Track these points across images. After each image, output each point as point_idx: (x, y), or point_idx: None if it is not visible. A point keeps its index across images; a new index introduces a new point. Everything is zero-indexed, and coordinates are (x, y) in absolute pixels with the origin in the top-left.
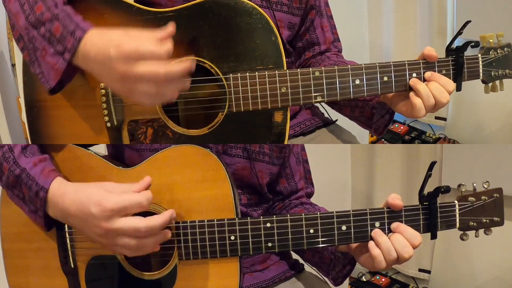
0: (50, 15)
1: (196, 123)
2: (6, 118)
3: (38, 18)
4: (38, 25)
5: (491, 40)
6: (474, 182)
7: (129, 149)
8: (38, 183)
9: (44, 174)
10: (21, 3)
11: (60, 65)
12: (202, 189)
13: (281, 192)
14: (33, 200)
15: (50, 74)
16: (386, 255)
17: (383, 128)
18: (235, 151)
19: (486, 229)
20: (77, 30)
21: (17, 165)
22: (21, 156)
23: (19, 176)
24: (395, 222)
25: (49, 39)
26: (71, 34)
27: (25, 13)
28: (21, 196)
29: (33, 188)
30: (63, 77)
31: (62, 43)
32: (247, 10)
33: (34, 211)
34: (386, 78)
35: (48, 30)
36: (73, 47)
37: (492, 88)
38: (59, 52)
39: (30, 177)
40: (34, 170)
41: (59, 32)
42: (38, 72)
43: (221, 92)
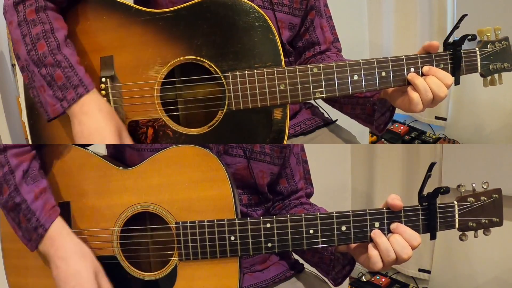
0: (52, 61)
1: (196, 122)
2: (6, 118)
3: (40, 58)
4: (40, 65)
5: (489, 34)
6: (474, 183)
7: (129, 149)
8: (38, 220)
9: (46, 210)
10: (23, 34)
11: (57, 108)
12: (202, 189)
13: (281, 192)
14: (29, 231)
15: (48, 109)
16: (385, 256)
17: (384, 125)
18: (236, 151)
19: (485, 229)
20: (80, 87)
21: (18, 193)
22: (22, 183)
23: (19, 205)
24: (395, 223)
25: (50, 83)
26: (73, 88)
27: (27, 47)
28: (17, 221)
29: (33, 222)
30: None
31: (63, 92)
32: (245, 9)
33: (28, 239)
34: (384, 73)
35: (49, 74)
36: (73, 100)
37: (491, 81)
38: (58, 98)
39: (30, 210)
40: (35, 204)
41: (60, 81)
42: (36, 100)
43: (221, 91)
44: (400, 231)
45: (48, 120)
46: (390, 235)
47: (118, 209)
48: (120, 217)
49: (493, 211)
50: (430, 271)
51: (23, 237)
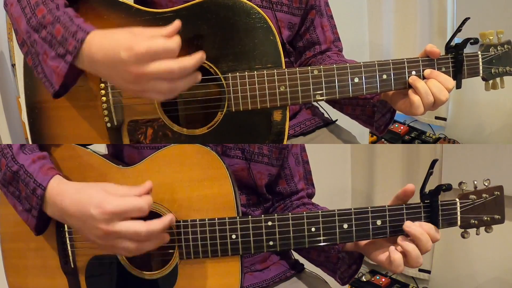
0: (52, 18)
1: (196, 123)
2: (6, 118)
3: (39, 21)
4: (40, 28)
5: (491, 37)
6: (475, 180)
7: (129, 148)
8: (36, 180)
9: (43, 171)
10: (22, 7)
11: (62, 68)
12: (203, 187)
13: (281, 193)
14: (29, 198)
15: (53, 78)
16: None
17: (384, 127)
18: (234, 152)
19: (487, 226)
20: (79, 31)
21: (15, 162)
22: (19, 152)
23: (16, 173)
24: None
25: (51, 42)
26: (72, 36)
27: (27, 16)
28: (16, 193)
29: (31, 185)
30: (66, 80)
31: (64, 46)
32: (245, 10)
33: (28, 210)
34: (385, 76)
35: (49, 33)
36: (75, 49)
37: (493, 85)
38: (60, 55)
39: (28, 173)
40: (33, 167)
41: (60, 34)
42: (41, 76)
43: (220, 92)
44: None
45: (54, 93)
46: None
47: None
48: None
49: (494, 208)
50: (430, 271)
51: (24, 212)
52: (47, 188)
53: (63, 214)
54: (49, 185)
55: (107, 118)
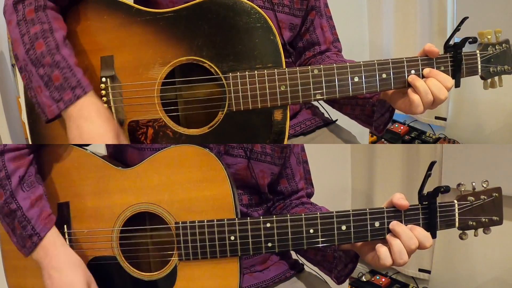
0: (50, 61)
1: (197, 122)
2: (6, 118)
3: (38, 58)
4: (38, 64)
5: (489, 36)
6: (473, 182)
7: (129, 149)
8: (34, 228)
9: (42, 219)
10: (21, 33)
11: (53, 109)
12: (201, 189)
13: (282, 192)
14: (24, 238)
15: (45, 110)
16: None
17: (383, 126)
18: (236, 151)
19: (485, 228)
20: (78, 88)
21: (14, 199)
22: (18, 190)
23: (14, 212)
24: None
25: (47, 83)
26: (71, 89)
27: (25, 46)
28: (11, 227)
29: (28, 230)
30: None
31: (60, 93)
32: (245, 10)
33: (22, 246)
34: (384, 75)
35: (47, 75)
36: (70, 101)
37: (491, 84)
38: (54, 99)
39: (26, 218)
40: (31, 212)
41: (58, 82)
42: (34, 101)
43: (221, 92)
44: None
45: (46, 121)
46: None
47: (118, 209)
48: (120, 217)
49: (493, 210)
50: (430, 271)
51: (17, 243)
52: (43, 239)
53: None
54: (45, 238)
55: None
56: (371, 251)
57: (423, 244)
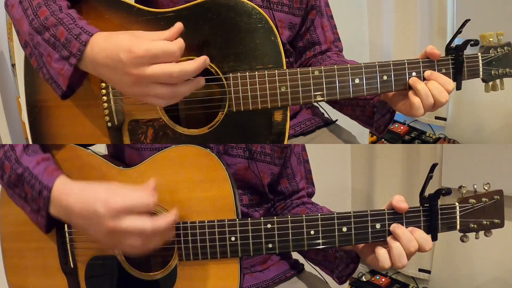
0: (55, 20)
1: (197, 122)
2: (6, 118)
3: (42, 23)
4: (42, 30)
5: (491, 39)
6: (475, 184)
7: (129, 149)
8: (41, 182)
9: (48, 172)
10: (24, 8)
11: (66, 70)
12: (202, 189)
13: (282, 192)
14: (36, 199)
15: (59, 80)
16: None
17: (384, 127)
18: (236, 151)
19: (486, 231)
20: (82, 34)
21: (20, 164)
22: (23, 154)
23: (21, 175)
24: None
25: (54, 44)
26: (75, 38)
27: (29, 18)
28: (23, 195)
29: (36, 187)
30: (71, 82)
31: (67, 48)
32: (246, 10)
33: (37, 210)
34: (385, 77)
35: (52, 35)
36: (79, 51)
37: (492, 87)
38: (64, 57)
39: (33, 175)
40: (37, 168)
41: (63, 37)
42: (47, 78)
43: (221, 92)
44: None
45: (62, 95)
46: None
47: None
48: None
49: (494, 213)
50: (430, 271)
51: (32, 213)
52: (52, 189)
53: (68, 213)
54: (54, 186)
55: (107, 117)
56: (371, 252)
57: (422, 247)
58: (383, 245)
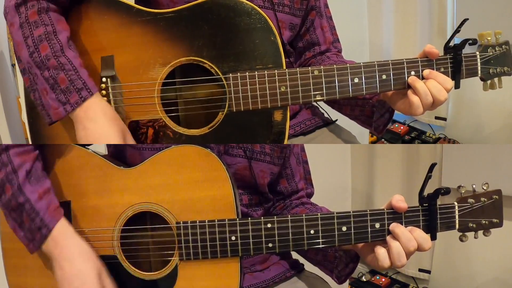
0: (56, 63)
1: (197, 123)
2: (6, 118)
3: (42, 61)
4: (42, 67)
5: (489, 38)
6: (474, 184)
7: (130, 149)
8: (43, 220)
9: (50, 211)
10: (25, 36)
11: (60, 112)
12: (203, 189)
13: (282, 192)
14: (33, 232)
15: (50, 112)
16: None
17: (383, 127)
18: (236, 151)
19: (485, 230)
20: (83, 90)
21: (22, 193)
22: (25, 182)
23: (22, 205)
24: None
25: (53, 86)
26: (76, 91)
27: (29, 49)
28: (19, 221)
29: (37, 222)
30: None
31: (66, 96)
32: (246, 10)
33: (29, 239)
34: (384, 76)
35: (52, 77)
36: (76, 104)
37: (491, 85)
38: (61, 101)
39: (34, 210)
40: (39, 204)
41: (64, 84)
42: (38, 103)
43: (221, 92)
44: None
45: (50, 123)
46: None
47: (119, 208)
48: (121, 217)
49: (493, 212)
50: (430, 271)
51: (24, 238)
52: (52, 230)
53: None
54: (55, 228)
55: None
56: (371, 252)
57: (422, 247)
58: (382, 245)
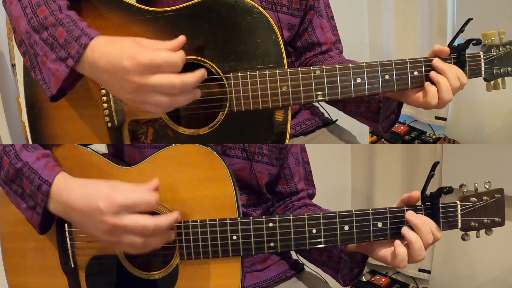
0: (54, 20)
1: (197, 122)
2: (6, 118)
3: (40, 22)
4: (41, 30)
5: (493, 37)
6: (476, 183)
7: (130, 147)
8: (41, 177)
9: (48, 168)
10: (23, 6)
11: (61, 71)
12: (204, 188)
13: (280, 192)
14: (34, 194)
15: (51, 81)
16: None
17: (387, 128)
18: (234, 151)
19: (487, 229)
20: (83, 36)
21: (19, 159)
22: (23, 150)
23: (20, 170)
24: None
25: (52, 45)
26: (75, 40)
27: (27, 17)
28: (20, 191)
29: (36, 181)
30: (64, 84)
31: (65, 49)
32: (247, 9)
33: (33, 207)
34: (387, 76)
35: (50, 35)
36: (78, 53)
37: (494, 86)
38: (61, 58)
39: (32, 170)
40: (37, 163)
41: (62, 37)
42: (39, 78)
43: (222, 92)
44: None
45: (52, 98)
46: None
47: None
48: None
49: (495, 211)
50: (430, 271)
51: (27, 209)
52: (52, 184)
53: (68, 209)
54: (55, 181)
55: (107, 117)
56: (381, 248)
57: (435, 236)
58: (402, 243)
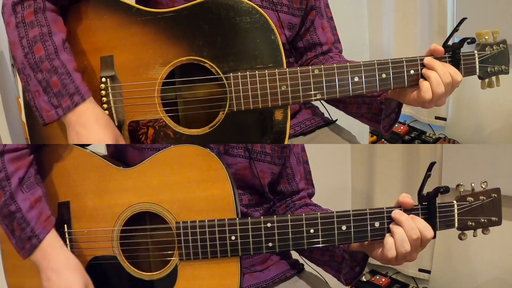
0: (49, 66)
1: (197, 122)
2: (6, 118)
3: (36, 62)
4: (36, 69)
5: (487, 36)
6: (473, 182)
7: (129, 149)
8: (33, 230)
9: (41, 221)
10: (20, 36)
11: (52, 115)
12: (202, 189)
13: (282, 192)
14: (23, 241)
15: (43, 114)
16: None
17: (388, 127)
18: (236, 151)
19: (484, 228)
20: (76, 95)
21: (14, 201)
22: (18, 190)
23: (13, 213)
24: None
25: (45, 89)
26: (69, 96)
27: (24, 50)
28: (10, 228)
29: (27, 232)
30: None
31: (58, 99)
32: (246, 10)
33: (20, 247)
34: (384, 75)
35: (45, 80)
36: (68, 108)
37: (489, 84)
38: (53, 104)
39: (25, 220)
40: (31, 214)
41: (56, 88)
42: (31, 104)
43: (222, 91)
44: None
45: (43, 124)
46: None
47: (118, 209)
48: (120, 217)
49: (492, 211)
50: (430, 271)
51: (16, 245)
52: (42, 241)
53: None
54: (45, 240)
55: None
56: (377, 247)
57: (424, 235)
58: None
